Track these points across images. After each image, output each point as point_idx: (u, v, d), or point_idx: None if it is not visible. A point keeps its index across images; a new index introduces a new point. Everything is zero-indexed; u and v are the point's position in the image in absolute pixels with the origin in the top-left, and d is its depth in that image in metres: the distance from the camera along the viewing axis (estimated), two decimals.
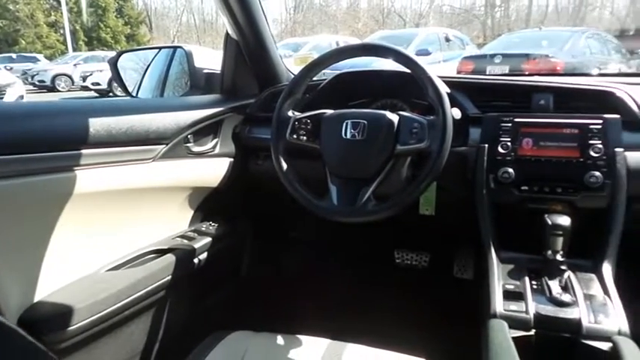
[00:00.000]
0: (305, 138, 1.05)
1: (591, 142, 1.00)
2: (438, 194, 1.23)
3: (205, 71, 1.53)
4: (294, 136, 1.05)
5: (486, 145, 1.08)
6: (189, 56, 1.55)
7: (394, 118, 0.99)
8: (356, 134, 1.00)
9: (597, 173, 0.98)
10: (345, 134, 1.01)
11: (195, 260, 1.24)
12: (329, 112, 1.06)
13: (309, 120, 1.06)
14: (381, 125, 0.99)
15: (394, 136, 0.98)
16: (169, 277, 1.15)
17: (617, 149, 0.99)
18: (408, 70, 1.00)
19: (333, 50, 1.08)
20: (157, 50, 1.90)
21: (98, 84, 13.65)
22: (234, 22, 1.32)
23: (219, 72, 1.49)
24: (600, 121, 1.02)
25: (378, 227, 1.21)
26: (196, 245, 1.24)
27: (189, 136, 1.23)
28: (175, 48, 1.73)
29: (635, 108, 1.05)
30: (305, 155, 1.05)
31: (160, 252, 1.19)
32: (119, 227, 1.13)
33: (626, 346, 0.74)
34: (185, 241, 1.25)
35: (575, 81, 1.17)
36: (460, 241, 1.60)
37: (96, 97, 12.31)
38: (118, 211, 1.11)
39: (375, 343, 0.98)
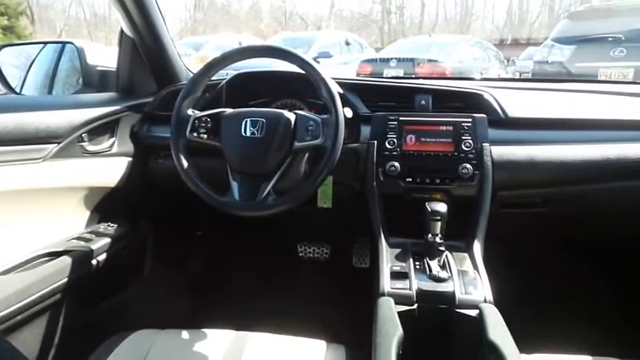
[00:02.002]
0: (205, 136, 1.07)
1: (463, 137, 1.15)
2: (334, 188, 1.31)
3: (99, 68, 1.48)
4: (195, 134, 1.07)
5: (375, 142, 1.19)
6: (80, 52, 1.49)
7: (291, 116, 1.05)
8: (255, 132, 1.04)
9: (468, 165, 1.12)
10: (245, 132, 1.04)
11: (94, 262, 1.21)
12: (229, 110, 1.09)
13: (209, 118, 1.07)
14: (279, 123, 1.04)
15: (292, 133, 1.03)
16: (65, 280, 1.11)
17: (484, 144, 1.15)
18: (304, 72, 1.06)
19: (231, 50, 1.11)
20: (42, 45, 1.79)
21: None
22: (128, 19, 1.29)
23: (114, 69, 1.45)
24: (470, 120, 1.17)
25: (280, 221, 1.25)
26: (94, 247, 1.21)
27: (83, 135, 1.19)
28: (65, 43, 1.65)
29: (498, 108, 1.22)
30: (206, 153, 1.07)
31: (54, 254, 1.14)
32: (8, 230, 1.07)
33: (489, 311, 0.87)
34: (82, 243, 1.21)
35: (453, 84, 1.32)
36: (357, 231, 1.70)
37: None
38: (6, 213, 1.05)
39: (279, 330, 1.03)
